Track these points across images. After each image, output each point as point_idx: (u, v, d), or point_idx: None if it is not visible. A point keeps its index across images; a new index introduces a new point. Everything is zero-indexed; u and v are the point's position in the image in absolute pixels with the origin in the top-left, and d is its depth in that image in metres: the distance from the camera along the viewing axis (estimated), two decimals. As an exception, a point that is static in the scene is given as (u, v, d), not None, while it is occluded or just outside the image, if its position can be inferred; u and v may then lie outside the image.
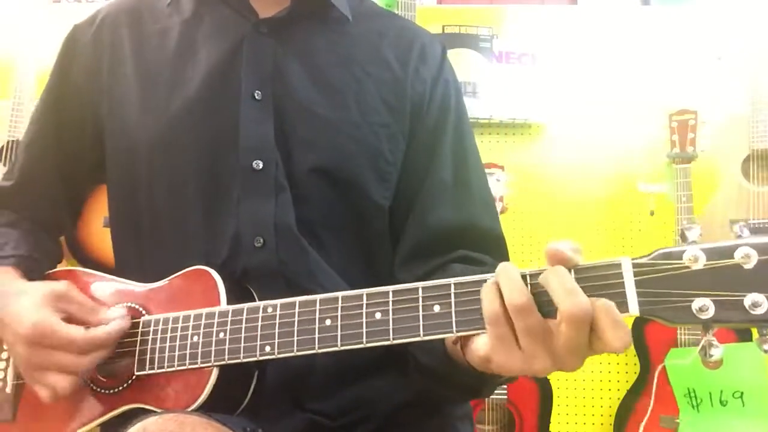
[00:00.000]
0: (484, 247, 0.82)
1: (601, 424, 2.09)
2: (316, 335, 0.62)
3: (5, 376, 0.79)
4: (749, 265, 0.50)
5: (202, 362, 0.67)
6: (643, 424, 1.89)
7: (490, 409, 1.91)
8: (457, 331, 0.58)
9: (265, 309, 0.65)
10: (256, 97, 0.78)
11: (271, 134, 0.77)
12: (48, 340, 0.68)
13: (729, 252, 0.50)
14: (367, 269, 0.82)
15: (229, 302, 0.69)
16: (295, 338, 0.63)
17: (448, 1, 2.45)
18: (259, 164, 0.76)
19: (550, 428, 1.93)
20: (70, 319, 0.70)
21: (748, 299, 0.49)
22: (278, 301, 0.65)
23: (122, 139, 0.82)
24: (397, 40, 0.87)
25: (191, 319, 0.69)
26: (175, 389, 0.69)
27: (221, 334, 0.66)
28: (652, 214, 2.13)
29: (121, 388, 0.72)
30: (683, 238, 0.53)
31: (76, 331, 0.68)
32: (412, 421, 0.81)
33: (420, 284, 0.60)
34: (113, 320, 0.71)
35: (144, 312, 0.74)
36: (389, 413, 0.80)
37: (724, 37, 2.16)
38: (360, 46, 0.85)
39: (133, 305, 0.75)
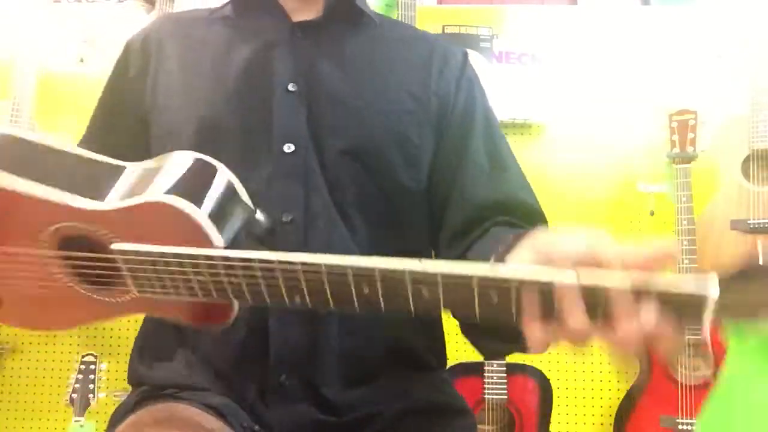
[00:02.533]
0: (527, 219, 0.83)
1: (601, 424, 2.09)
2: (355, 300, 0.57)
3: None
4: None
5: (219, 298, 0.61)
6: (643, 424, 1.90)
7: (490, 409, 1.91)
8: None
9: (284, 270, 0.58)
10: (290, 89, 0.84)
11: (303, 121, 0.83)
12: None
13: None
14: (395, 250, 0.84)
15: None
16: (327, 288, 0.57)
17: (448, 1, 2.45)
18: (290, 147, 0.82)
19: (550, 428, 1.93)
20: None
21: None
22: (297, 261, 0.58)
23: (165, 125, 0.87)
24: (419, 46, 0.94)
25: (188, 264, 0.60)
26: (192, 306, 0.64)
27: (234, 280, 0.60)
28: (652, 214, 2.13)
29: (120, 299, 0.66)
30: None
31: None
32: (417, 428, 0.83)
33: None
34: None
35: (111, 236, 0.64)
36: (395, 418, 0.82)
37: (724, 37, 2.17)
38: (386, 48, 0.92)
39: (80, 225, 0.64)
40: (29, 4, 2.17)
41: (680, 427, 1.84)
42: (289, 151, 0.81)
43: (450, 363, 1.01)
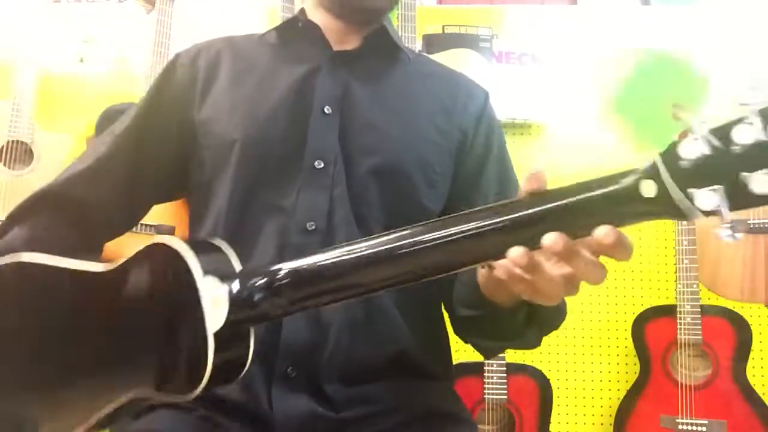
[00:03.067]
0: None
1: (601, 424, 2.09)
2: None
3: None
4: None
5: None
6: (643, 424, 1.90)
7: (490, 409, 1.91)
8: None
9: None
10: (326, 112, 0.91)
11: (335, 141, 0.89)
12: None
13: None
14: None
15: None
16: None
17: (448, 1, 2.45)
18: (320, 163, 0.88)
19: (550, 428, 1.93)
20: None
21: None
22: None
23: (214, 136, 0.92)
24: (447, 82, 1.01)
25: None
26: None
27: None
28: (652, 214, 2.12)
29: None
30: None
31: None
32: None
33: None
34: None
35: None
36: (394, 423, 0.85)
37: (724, 37, 2.16)
38: (416, 82, 0.99)
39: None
40: (29, 4, 2.17)
41: (680, 427, 1.84)
42: (319, 167, 0.88)
43: (450, 363, 1.02)
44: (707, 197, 0.49)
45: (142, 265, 0.68)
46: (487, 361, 1.90)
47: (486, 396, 1.89)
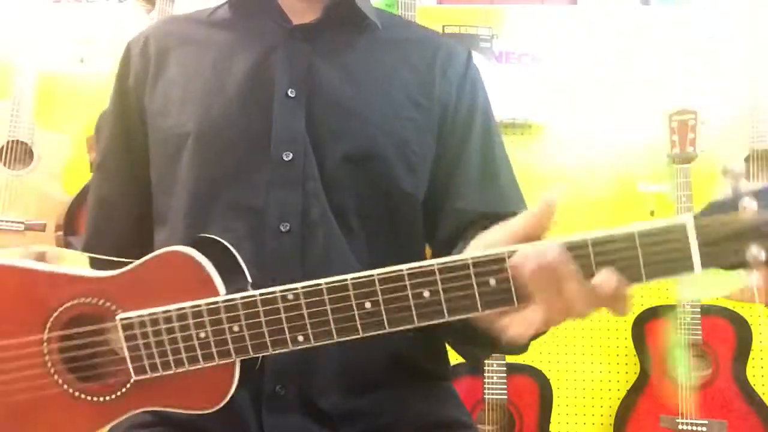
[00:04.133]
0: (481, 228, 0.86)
1: (601, 424, 2.09)
2: (357, 321, 0.59)
3: None
4: None
5: (220, 359, 0.61)
6: (643, 424, 1.90)
7: (490, 409, 1.91)
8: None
9: (284, 298, 0.60)
10: (290, 95, 0.82)
11: (302, 127, 0.81)
12: None
13: None
14: (396, 257, 0.84)
15: (243, 287, 0.63)
16: (333, 326, 0.59)
17: (448, 1, 2.45)
18: (288, 155, 0.80)
19: (550, 428, 1.93)
20: None
21: None
22: (297, 286, 0.60)
23: (164, 131, 0.86)
24: (423, 46, 0.92)
25: (190, 316, 0.61)
26: (190, 387, 0.63)
27: (235, 328, 0.61)
28: (652, 214, 2.13)
29: (117, 394, 0.65)
30: (727, 174, 0.56)
31: None
32: None
33: (471, 258, 0.57)
34: None
35: (114, 307, 0.64)
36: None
37: (724, 37, 2.17)
38: (388, 51, 0.90)
39: (94, 300, 0.65)
40: (29, 4, 2.17)
41: (680, 427, 1.84)
42: (287, 159, 0.80)
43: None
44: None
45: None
46: (487, 361, 1.89)
47: (486, 396, 1.89)
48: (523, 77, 2.17)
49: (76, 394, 0.66)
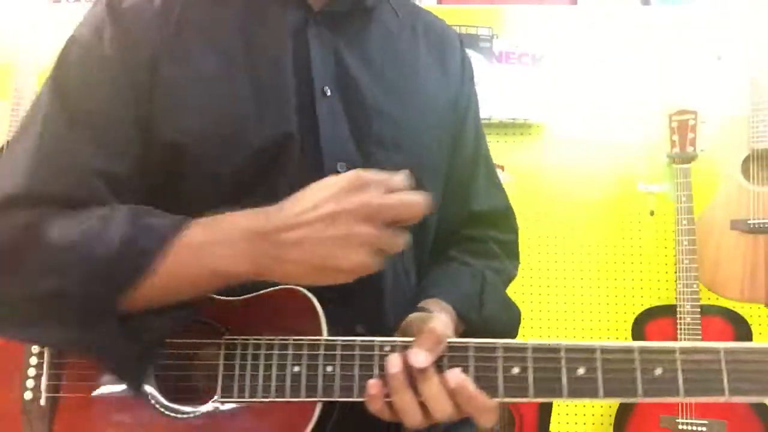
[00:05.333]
0: (485, 226, 0.91)
1: (601, 424, 2.09)
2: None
3: (38, 385, 0.69)
4: None
5: (306, 395, 0.63)
6: (643, 424, 1.90)
7: (490, 409, 1.91)
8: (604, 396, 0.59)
9: (381, 347, 0.63)
10: (326, 93, 0.74)
11: (348, 134, 0.75)
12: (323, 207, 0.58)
13: None
14: (416, 257, 0.85)
15: (328, 330, 0.65)
16: None
17: (448, 1, 2.45)
18: (343, 166, 0.72)
19: (550, 428, 1.93)
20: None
21: None
22: (397, 340, 0.63)
23: (183, 128, 0.70)
24: (427, 37, 0.88)
25: (290, 348, 0.63)
26: (266, 422, 0.63)
27: (329, 368, 0.63)
28: (652, 214, 2.13)
29: (194, 414, 0.64)
30: None
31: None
32: None
33: (563, 345, 0.61)
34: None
35: (224, 329, 0.66)
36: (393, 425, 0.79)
37: (724, 37, 2.17)
38: (402, 44, 0.85)
39: (209, 321, 0.66)
40: (29, 4, 2.17)
41: (680, 427, 1.84)
42: (342, 171, 0.71)
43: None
44: None
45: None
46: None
47: (486, 396, 1.89)
48: (523, 77, 2.17)
49: (152, 400, 0.66)
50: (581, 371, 0.59)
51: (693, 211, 1.92)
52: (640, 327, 1.95)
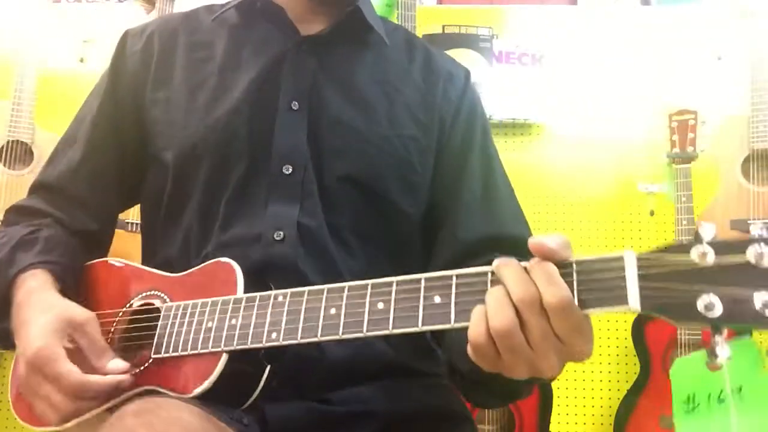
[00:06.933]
0: (516, 253, 0.83)
1: (601, 424, 2.09)
2: (320, 323, 0.64)
3: None
4: (763, 264, 0.47)
5: (212, 347, 0.69)
6: (643, 424, 1.90)
7: (490, 409, 1.91)
8: (454, 323, 0.58)
9: (276, 297, 0.67)
10: (293, 108, 0.83)
11: (304, 142, 0.82)
12: (44, 369, 0.69)
13: (741, 249, 0.48)
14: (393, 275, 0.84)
15: (246, 292, 0.71)
16: (300, 326, 0.65)
17: (448, 1, 2.45)
18: (288, 168, 0.81)
19: (550, 428, 1.93)
20: (75, 352, 0.71)
21: (759, 298, 0.46)
22: (289, 290, 0.67)
23: (166, 139, 0.86)
24: (426, 65, 0.93)
25: (208, 305, 0.71)
26: (186, 373, 0.71)
27: (233, 320, 0.69)
28: (652, 214, 2.13)
29: (139, 370, 0.74)
30: (696, 237, 0.50)
31: (69, 371, 0.69)
32: None
33: (423, 275, 0.61)
34: (112, 373, 0.71)
35: (168, 299, 0.77)
36: (392, 420, 0.79)
37: (724, 37, 2.17)
38: (392, 68, 0.91)
39: (157, 292, 0.79)
40: (29, 4, 2.17)
41: (680, 427, 1.84)
42: (287, 172, 0.81)
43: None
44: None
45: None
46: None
47: (486, 396, 1.89)
48: (523, 77, 2.17)
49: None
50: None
51: (693, 211, 1.92)
52: (639, 327, 1.95)
